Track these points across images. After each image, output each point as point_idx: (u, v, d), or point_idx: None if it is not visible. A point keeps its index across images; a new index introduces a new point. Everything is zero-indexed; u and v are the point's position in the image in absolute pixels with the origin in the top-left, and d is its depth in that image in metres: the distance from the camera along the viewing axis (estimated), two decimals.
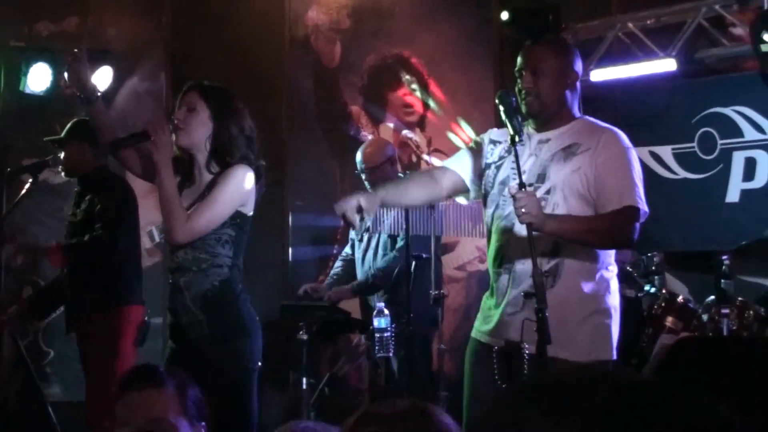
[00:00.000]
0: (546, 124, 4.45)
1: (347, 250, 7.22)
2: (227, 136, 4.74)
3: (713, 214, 8.18)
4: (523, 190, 4.05)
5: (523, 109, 4.39)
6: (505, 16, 8.55)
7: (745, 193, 8.08)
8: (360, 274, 7.03)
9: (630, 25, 8.43)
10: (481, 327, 4.51)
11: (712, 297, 6.61)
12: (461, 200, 4.95)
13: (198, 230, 4.61)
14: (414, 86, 9.22)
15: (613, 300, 4.41)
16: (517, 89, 4.49)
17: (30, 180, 6.67)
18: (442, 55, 8.92)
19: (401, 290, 6.65)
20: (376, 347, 5.92)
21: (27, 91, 8.53)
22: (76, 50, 4.82)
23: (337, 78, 9.63)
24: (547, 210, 4.24)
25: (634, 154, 4.44)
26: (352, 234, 7.10)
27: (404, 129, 9.22)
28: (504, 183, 4.45)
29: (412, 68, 9.27)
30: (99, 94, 4.93)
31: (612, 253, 4.54)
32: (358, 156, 6.94)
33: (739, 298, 6.40)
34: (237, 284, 4.73)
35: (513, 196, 4.05)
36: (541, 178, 4.34)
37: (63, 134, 6.65)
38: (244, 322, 4.71)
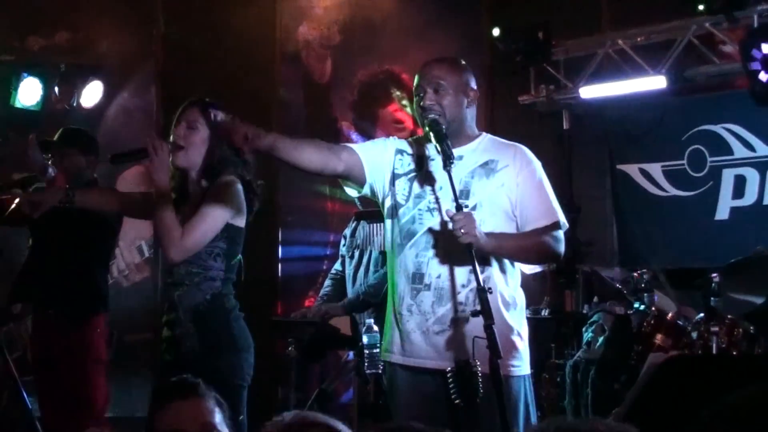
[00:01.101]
0: (452, 141, 4.42)
1: (337, 267, 7.19)
2: (222, 153, 4.73)
3: (703, 232, 8.20)
4: (461, 210, 4.05)
5: (425, 127, 4.36)
6: (496, 32, 8.57)
7: (734, 210, 8.10)
8: (351, 291, 7.00)
9: (620, 42, 8.44)
10: (407, 349, 4.40)
11: (702, 315, 6.62)
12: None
13: (191, 247, 4.61)
14: (404, 102, 9.23)
15: (523, 317, 4.46)
16: (417, 107, 4.45)
17: (19, 194, 6.64)
18: None
19: None
20: (366, 363, 5.89)
21: (17, 105, 8.53)
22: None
23: (327, 93, 9.64)
24: None
25: (541, 167, 4.47)
26: (343, 250, 7.08)
27: None
28: (420, 197, 4.41)
29: (402, 84, 9.28)
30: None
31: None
32: None
33: (729, 316, 6.40)
34: (230, 298, 4.73)
35: (451, 219, 4.04)
36: (465, 194, 4.32)
37: (56, 140, 6.60)
38: (234, 337, 4.70)
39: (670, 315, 6.80)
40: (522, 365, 4.34)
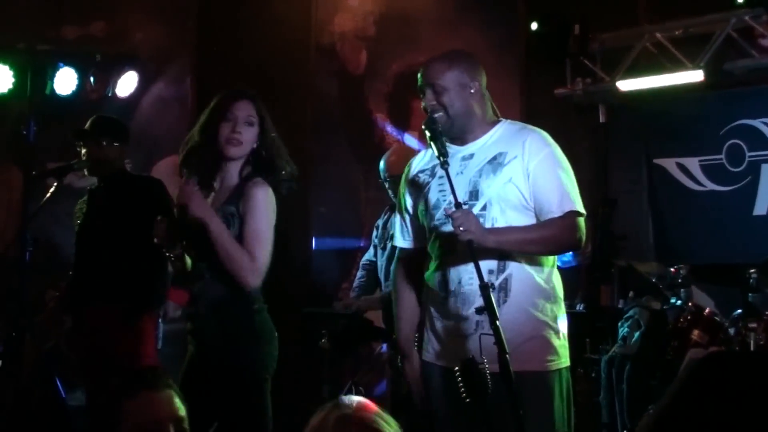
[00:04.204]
0: (464, 138, 4.37)
1: (369, 256, 7.15)
2: (273, 144, 4.74)
3: (741, 227, 8.13)
4: (459, 208, 3.99)
5: (426, 130, 4.28)
6: (534, 26, 8.54)
7: None
8: (384, 281, 6.98)
9: (658, 35, 8.39)
10: (438, 351, 4.41)
11: (739, 310, 6.56)
12: None
13: (264, 265, 4.60)
14: None
15: (560, 309, 4.38)
16: (423, 108, 4.43)
17: (55, 183, 6.65)
18: None
19: None
20: (399, 356, 5.87)
21: (53, 94, 8.55)
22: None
23: (362, 85, 9.62)
24: (487, 226, 4.21)
25: (559, 151, 4.35)
26: (375, 240, 7.04)
27: None
28: (437, 207, 4.39)
29: None
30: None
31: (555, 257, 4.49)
32: (381, 165, 6.89)
33: (767, 312, 6.34)
34: (246, 293, 4.70)
35: (450, 216, 3.99)
36: (474, 195, 4.27)
37: (90, 128, 6.58)
38: (256, 329, 4.66)
39: (707, 310, 6.74)
40: (555, 359, 4.27)
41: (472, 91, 4.39)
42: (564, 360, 4.31)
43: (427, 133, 4.24)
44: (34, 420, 7.50)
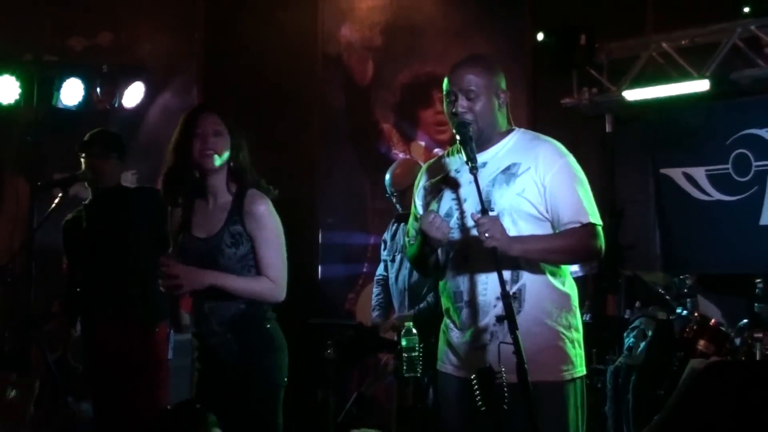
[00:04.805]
0: (480, 146, 4.33)
1: (381, 271, 7.12)
2: (243, 155, 4.76)
3: (747, 237, 8.10)
4: (485, 214, 3.95)
5: (457, 134, 4.22)
6: (540, 36, 8.53)
7: None
8: (395, 293, 6.95)
9: (664, 45, 8.38)
10: (453, 361, 4.39)
11: (746, 321, 6.55)
12: None
13: (284, 280, 4.68)
14: None
15: (575, 318, 4.35)
16: (449, 112, 4.35)
17: (60, 194, 6.66)
18: None
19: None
20: (404, 367, 5.85)
21: (60, 105, 8.58)
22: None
23: (369, 95, 9.62)
24: None
25: (573, 161, 4.31)
26: (384, 255, 7.02)
27: (436, 147, 9.19)
28: (449, 215, 4.35)
29: None
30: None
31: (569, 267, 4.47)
32: (387, 178, 6.87)
33: None
34: (259, 306, 4.72)
35: (476, 222, 3.95)
36: (486, 204, 4.23)
37: (95, 142, 6.58)
38: (271, 338, 4.71)
39: (713, 321, 6.73)
40: (570, 368, 4.23)
41: (500, 101, 4.38)
42: (579, 369, 4.29)
43: (458, 137, 4.18)
44: (41, 430, 7.50)
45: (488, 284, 4.18)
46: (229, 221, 4.66)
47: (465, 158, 4.08)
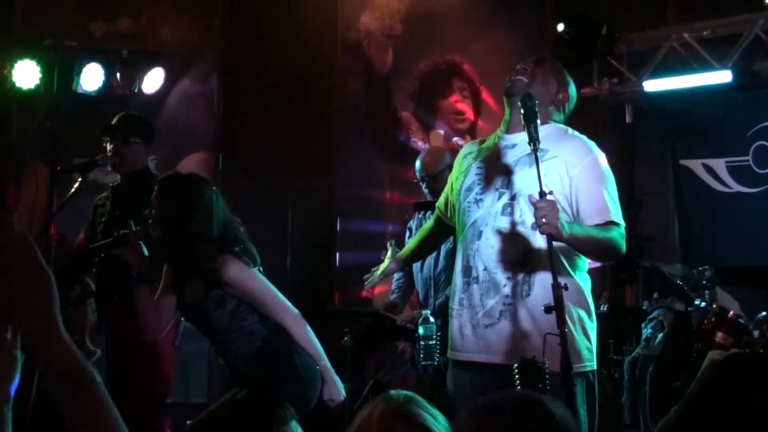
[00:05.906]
0: (516, 126, 4.33)
1: None
2: (196, 224, 4.81)
3: (766, 229, 8.07)
4: (543, 198, 3.90)
5: (522, 108, 4.14)
6: (560, 27, 8.51)
7: None
8: (419, 282, 6.93)
9: (686, 35, 8.34)
10: (459, 344, 4.38)
11: (764, 313, 6.52)
12: None
13: (292, 309, 4.79)
14: (465, 93, 9.18)
15: (584, 311, 4.31)
16: (515, 71, 4.44)
17: (79, 179, 6.66)
18: (494, 63, 8.84)
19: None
20: (421, 355, 5.85)
21: (80, 90, 8.57)
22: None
23: (388, 83, 9.61)
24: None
25: (602, 158, 4.32)
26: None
27: (455, 136, 9.19)
28: (470, 189, 4.38)
29: (464, 75, 9.24)
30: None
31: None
32: (417, 165, 6.87)
33: None
34: (276, 336, 4.77)
35: (534, 205, 3.90)
36: (505, 184, 4.27)
37: (119, 125, 6.58)
38: (298, 366, 4.75)
39: (731, 313, 6.70)
40: (579, 362, 4.15)
41: (558, 96, 4.45)
42: (589, 364, 4.25)
43: (522, 110, 4.13)
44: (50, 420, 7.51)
45: (500, 263, 4.17)
46: (207, 289, 4.71)
47: (528, 136, 4.04)
